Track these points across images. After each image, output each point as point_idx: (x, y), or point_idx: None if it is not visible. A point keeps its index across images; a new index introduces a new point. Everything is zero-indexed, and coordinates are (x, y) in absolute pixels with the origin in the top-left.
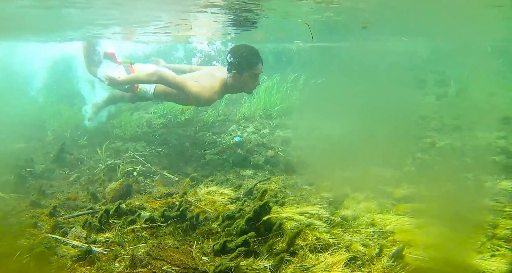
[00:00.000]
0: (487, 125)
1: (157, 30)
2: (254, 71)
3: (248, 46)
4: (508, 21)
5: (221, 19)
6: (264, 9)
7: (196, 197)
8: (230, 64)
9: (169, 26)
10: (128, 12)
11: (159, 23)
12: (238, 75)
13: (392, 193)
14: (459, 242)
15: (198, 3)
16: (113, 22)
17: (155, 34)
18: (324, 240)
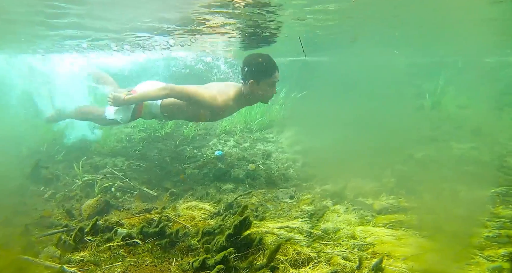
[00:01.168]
0: (461, 137)
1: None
2: (272, 79)
3: (265, 54)
4: (480, 37)
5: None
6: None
7: (176, 213)
8: (247, 72)
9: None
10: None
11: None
12: (255, 84)
13: (372, 204)
14: (436, 252)
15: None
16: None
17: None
18: (305, 254)
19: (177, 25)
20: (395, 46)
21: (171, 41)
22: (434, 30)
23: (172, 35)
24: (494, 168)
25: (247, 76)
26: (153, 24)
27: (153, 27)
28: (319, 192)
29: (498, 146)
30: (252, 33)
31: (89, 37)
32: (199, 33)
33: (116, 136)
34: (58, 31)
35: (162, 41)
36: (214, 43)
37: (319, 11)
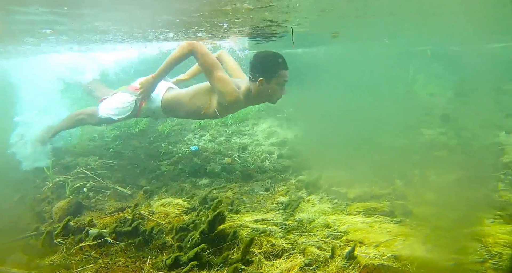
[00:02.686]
0: (430, 123)
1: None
2: (282, 79)
3: (277, 52)
4: (446, 26)
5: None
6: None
7: (150, 210)
8: (256, 70)
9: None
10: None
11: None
12: (265, 83)
13: (346, 193)
14: (407, 236)
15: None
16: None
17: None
18: (280, 245)
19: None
20: (368, 38)
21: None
22: (404, 20)
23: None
24: (460, 152)
25: (256, 73)
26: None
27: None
28: (295, 183)
29: (464, 131)
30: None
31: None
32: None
33: (88, 135)
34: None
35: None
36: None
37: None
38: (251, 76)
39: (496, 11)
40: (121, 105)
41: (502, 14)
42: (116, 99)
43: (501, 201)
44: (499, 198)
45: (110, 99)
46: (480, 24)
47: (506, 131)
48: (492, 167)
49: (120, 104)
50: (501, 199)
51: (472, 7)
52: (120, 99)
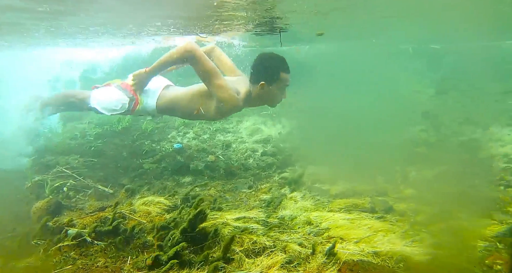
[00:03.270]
0: (412, 120)
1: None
2: (284, 83)
3: (280, 55)
4: (427, 25)
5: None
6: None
7: (131, 209)
8: (258, 73)
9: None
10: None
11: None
12: (267, 86)
13: (329, 190)
14: (386, 232)
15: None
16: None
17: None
18: (261, 243)
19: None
20: (352, 37)
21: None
22: (386, 19)
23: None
24: (440, 149)
25: (258, 77)
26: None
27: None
28: (278, 180)
29: (443, 128)
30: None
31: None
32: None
33: (70, 133)
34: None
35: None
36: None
37: None
38: (252, 79)
39: (476, 11)
40: (114, 102)
41: (483, 14)
42: (109, 93)
43: (477, 196)
44: (476, 193)
45: (103, 90)
46: (460, 23)
47: (483, 128)
48: (469, 163)
49: (113, 101)
50: (477, 193)
51: (453, 6)
52: (114, 96)
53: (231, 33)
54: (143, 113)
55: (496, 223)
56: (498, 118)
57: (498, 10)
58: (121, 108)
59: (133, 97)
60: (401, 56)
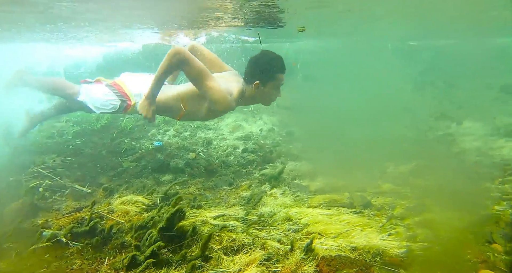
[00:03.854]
0: (390, 115)
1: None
2: (279, 82)
3: (275, 54)
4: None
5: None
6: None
7: (109, 209)
8: (253, 72)
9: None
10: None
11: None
12: (261, 86)
13: (309, 186)
14: (363, 226)
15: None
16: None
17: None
18: (240, 240)
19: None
20: (332, 34)
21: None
22: (364, 16)
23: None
24: (417, 144)
25: (253, 76)
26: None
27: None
28: (258, 177)
29: (420, 123)
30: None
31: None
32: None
33: (46, 131)
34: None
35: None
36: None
37: None
38: (246, 78)
39: (449, 10)
40: (104, 101)
41: (456, 13)
42: (100, 92)
43: (450, 189)
44: (449, 186)
45: (94, 87)
46: (437, 21)
47: (457, 122)
48: (444, 157)
49: (103, 100)
50: (450, 187)
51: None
52: (105, 95)
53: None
54: (135, 113)
55: (466, 215)
56: (471, 113)
57: (473, 9)
58: (112, 108)
59: (126, 100)
60: (380, 52)
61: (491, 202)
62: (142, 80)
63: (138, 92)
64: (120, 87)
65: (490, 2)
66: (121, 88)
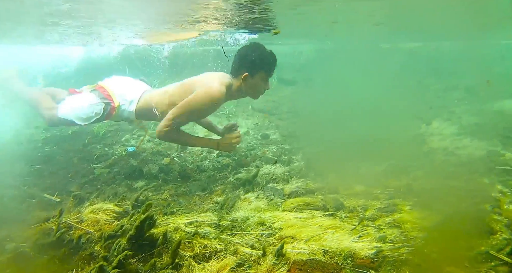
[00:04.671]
0: (365, 117)
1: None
2: (267, 73)
3: (261, 45)
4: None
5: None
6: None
7: (78, 218)
8: (240, 65)
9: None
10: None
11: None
12: (249, 77)
13: (283, 189)
14: (335, 229)
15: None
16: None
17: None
18: (212, 247)
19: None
20: (302, 36)
21: None
22: (335, 18)
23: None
24: (388, 144)
25: (240, 68)
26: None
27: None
28: (232, 181)
29: (392, 124)
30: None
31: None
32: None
33: (15, 138)
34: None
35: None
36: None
37: None
38: (233, 72)
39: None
40: (87, 109)
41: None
42: (82, 99)
43: (419, 188)
44: (418, 185)
45: (76, 97)
46: (407, 24)
47: (427, 123)
48: (414, 157)
49: (87, 108)
50: (419, 186)
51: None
52: (87, 101)
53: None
54: (119, 119)
55: (433, 214)
56: (440, 113)
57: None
58: (96, 114)
59: (109, 102)
60: (352, 54)
61: (458, 200)
62: (126, 83)
63: (121, 93)
64: (104, 90)
65: (454, 8)
66: (105, 90)
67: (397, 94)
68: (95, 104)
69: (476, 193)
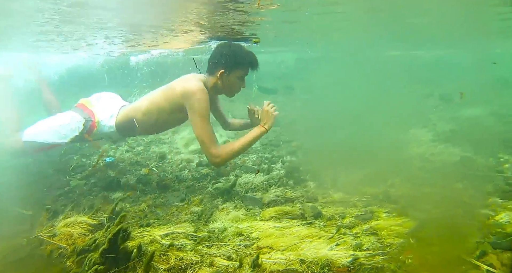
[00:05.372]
0: (344, 124)
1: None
2: (243, 71)
3: (237, 43)
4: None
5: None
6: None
7: (51, 231)
8: (216, 62)
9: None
10: None
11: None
12: (225, 75)
13: (262, 198)
14: (312, 237)
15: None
16: None
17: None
18: (188, 259)
19: None
20: (286, 44)
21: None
22: (312, 29)
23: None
24: (367, 151)
25: (217, 65)
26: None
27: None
28: (211, 191)
29: (371, 131)
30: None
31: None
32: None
33: None
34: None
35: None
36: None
37: None
38: (209, 70)
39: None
40: (66, 123)
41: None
42: (59, 118)
43: (396, 195)
44: (395, 191)
45: (42, 122)
46: (382, 33)
47: (404, 130)
48: (391, 164)
49: (65, 122)
50: (396, 192)
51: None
52: (65, 119)
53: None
54: (101, 137)
55: (409, 220)
56: (417, 120)
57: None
58: (76, 130)
59: (89, 118)
60: (333, 63)
61: (432, 206)
62: (104, 98)
63: (101, 108)
64: (84, 106)
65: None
66: (85, 107)
67: (376, 102)
68: (76, 120)
69: (450, 199)
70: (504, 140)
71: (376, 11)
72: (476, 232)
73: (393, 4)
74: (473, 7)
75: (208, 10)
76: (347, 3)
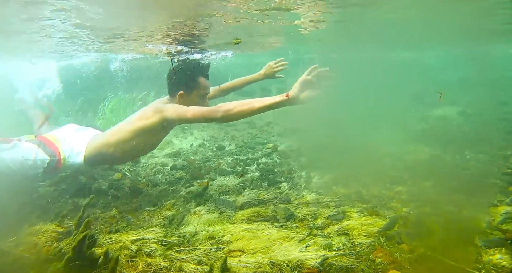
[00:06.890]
0: (319, 126)
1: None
2: (204, 89)
3: (194, 60)
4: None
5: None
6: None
7: (15, 241)
8: (175, 84)
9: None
10: None
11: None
12: (186, 95)
13: (235, 201)
14: (283, 239)
15: None
16: None
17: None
18: (156, 265)
19: None
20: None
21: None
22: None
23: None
24: (340, 152)
25: (176, 87)
26: None
27: None
28: (184, 195)
29: (346, 133)
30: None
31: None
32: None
33: None
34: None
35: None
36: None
37: None
38: (170, 91)
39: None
40: (27, 161)
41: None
42: (20, 150)
43: (367, 194)
44: (366, 191)
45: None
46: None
47: (376, 129)
48: (363, 164)
49: (26, 158)
50: (367, 192)
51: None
52: (27, 152)
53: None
54: (70, 170)
55: (380, 219)
56: (389, 120)
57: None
58: (36, 169)
59: (54, 155)
60: (306, 65)
61: (401, 204)
62: (70, 131)
63: (67, 143)
64: (50, 142)
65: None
66: (51, 143)
67: (351, 103)
68: (40, 158)
69: (418, 196)
70: (470, 139)
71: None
72: (442, 228)
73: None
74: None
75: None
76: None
